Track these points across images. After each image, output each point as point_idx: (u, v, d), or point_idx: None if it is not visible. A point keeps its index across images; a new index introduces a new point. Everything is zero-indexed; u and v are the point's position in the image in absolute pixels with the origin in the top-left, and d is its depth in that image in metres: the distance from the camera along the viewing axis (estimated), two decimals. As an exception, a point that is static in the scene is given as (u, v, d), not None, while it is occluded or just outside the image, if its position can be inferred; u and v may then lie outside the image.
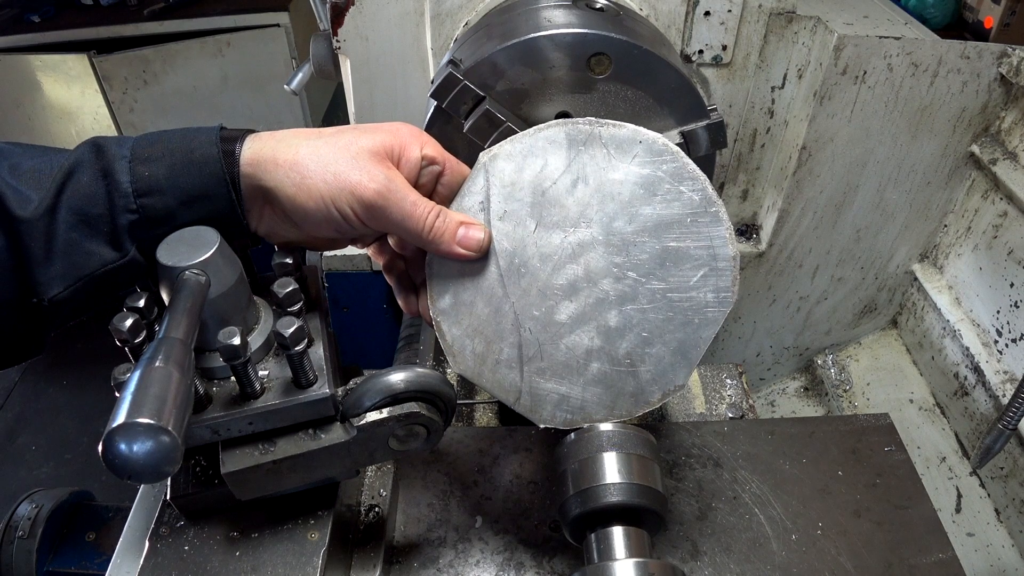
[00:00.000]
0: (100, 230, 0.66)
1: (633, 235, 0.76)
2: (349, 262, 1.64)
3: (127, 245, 0.67)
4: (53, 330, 0.70)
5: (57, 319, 0.68)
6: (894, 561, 0.87)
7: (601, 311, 0.77)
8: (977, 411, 1.33)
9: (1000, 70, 1.23)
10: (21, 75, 2.87)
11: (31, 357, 0.71)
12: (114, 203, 0.65)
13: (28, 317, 0.66)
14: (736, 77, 1.29)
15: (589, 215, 0.76)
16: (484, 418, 1.25)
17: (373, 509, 0.88)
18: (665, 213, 0.75)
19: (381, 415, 0.70)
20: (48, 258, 0.64)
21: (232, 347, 0.61)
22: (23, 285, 0.64)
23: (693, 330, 0.77)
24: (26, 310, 0.65)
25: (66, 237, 0.64)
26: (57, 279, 0.65)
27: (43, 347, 0.71)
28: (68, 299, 0.66)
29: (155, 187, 0.66)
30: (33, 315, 0.66)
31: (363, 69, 1.30)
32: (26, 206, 0.63)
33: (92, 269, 0.66)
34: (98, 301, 0.69)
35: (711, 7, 1.20)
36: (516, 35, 0.86)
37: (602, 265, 0.76)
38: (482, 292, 0.78)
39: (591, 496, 0.74)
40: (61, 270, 0.65)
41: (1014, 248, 1.27)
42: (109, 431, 0.49)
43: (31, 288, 0.64)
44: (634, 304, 0.76)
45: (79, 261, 0.65)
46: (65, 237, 0.64)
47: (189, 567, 0.72)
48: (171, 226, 0.67)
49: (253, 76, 3.07)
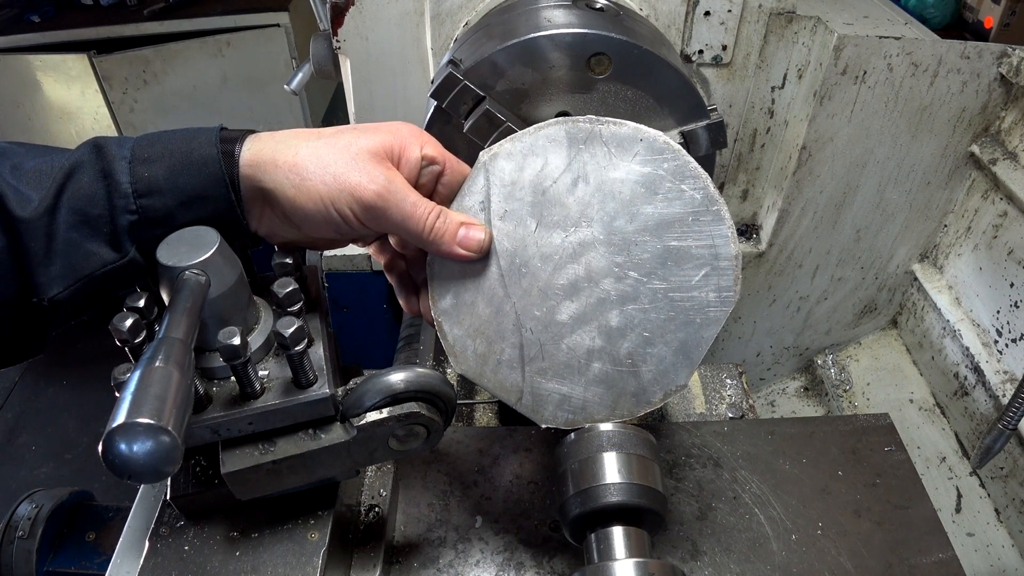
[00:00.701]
0: (100, 231, 0.66)
1: (634, 234, 0.76)
2: (349, 262, 1.64)
3: (127, 245, 0.67)
4: (54, 330, 0.70)
5: (57, 319, 0.68)
6: (894, 561, 0.87)
7: (602, 311, 0.77)
8: (977, 411, 1.33)
9: (1000, 70, 1.23)
10: (21, 75, 2.87)
11: (31, 357, 0.71)
12: (114, 204, 0.65)
13: (28, 317, 0.66)
14: (736, 77, 1.29)
15: (590, 214, 0.76)
16: (484, 418, 1.25)
17: (373, 509, 0.88)
18: (666, 212, 0.75)
19: (381, 415, 0.70)
20: (48, 258, 0.64)
21: (232, 347, 0.61)
22: (23, 285, 0.64)
23: (695, 330, 0.77)
24: (26, 309, 0.65)
25: (66, 237, 0.64)
26: (57, 279, 0.65)
27: (44, 347, 0.71)
28: (68, 299, 0.66)
29: (154, 188, 0.66)
30: (33, 315, 0.66)
31: (363, 69, 1.30)
32: (26, 206, 0.63)
33: (92, 269, 0.66)
34: (98, 301, 0.69)
35: (711, 7, 1.20)
36: (516, 35, 0.86)
37: (603, 265, 0.76)
38: (483, 292, 0.78)
39: (591, 496, 0.74)
40: (61, 270, 0.65)
41: (1014, 248, 1.27)
42: (109, 431, 0.49)
43: (31, 288, 0.65)
44: (635, 304, 0.76)
45: (79, 261, 0.65)
46: (65, 237, 0.64)
47: (189, 567, 0.72)
48: (170, 227, 0.67)
49: (253, 76, 3.07)
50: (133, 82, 2.90)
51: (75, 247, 0.65)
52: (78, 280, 0.66)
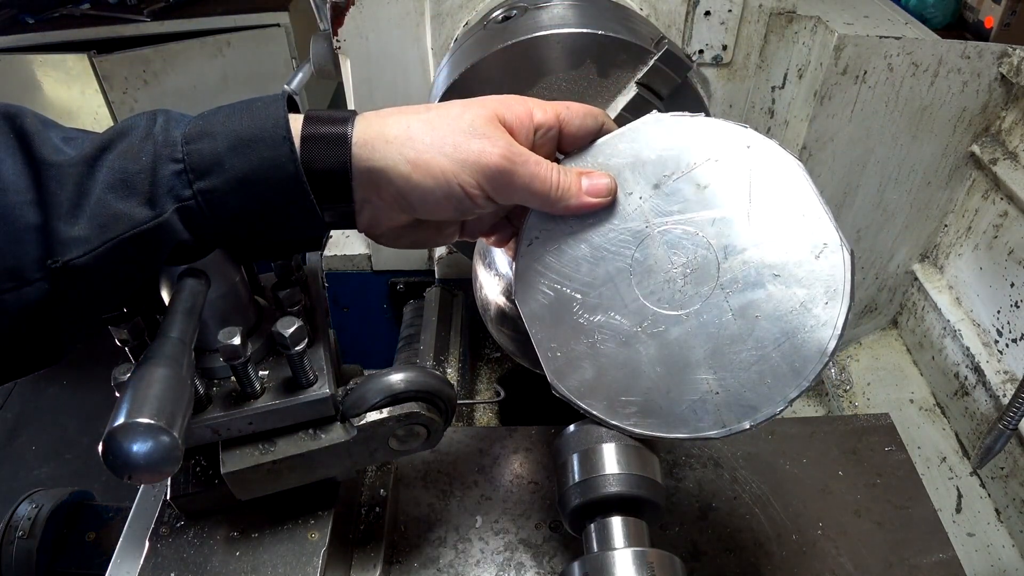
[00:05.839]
0: (136, 188, 0.57)
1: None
2: (349, 262, 1.64)
3: (164, 202, 0.57)
4: (71, 329, 0.61)
5: (77, 302, 0.58)
6: (894, 561, 0.87)
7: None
8: (977, 411, 1.33)
9: (1000, 70, 1.23)
10: (21, 75, 2.87)
11: (49, 363, 0.63)
12: (158, 153, 0.58)
13: (45, 306, 0.57)
14: (736, 77, 1.29)
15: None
16: (484, 418, 1.25)
17: (373, 509, 0.88)
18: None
19: (381, 415, 0.70)
20: (73, 214, 0.56)
21: (232, 347, 0.61)
22: (43, 242, 0.55)
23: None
24: (43, 290, 0.56)
25: (100, 197, 0.56)
26: (79, 241, 0.56)
27: (63, 352, 0.62)
28: (89, 268, 0.56)
29: (206, 131, 0.59)
30: (49, 303, 0.57)
31: (363, 69, 1.30)
32: (58, 153, 0.56)
33: (119, 231, 0.56)
34: (124, 280, 0.60)
35: (711, 7, 1.20)
36: (516, 36, 0.86)
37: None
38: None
39: (591, 486, 0.74)
40: (85, 231, 0.56)
41: (1014, 248, 1.27)
42: (109, 431, 0.49)
43: (48, 246, 0.55)
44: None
45: (107, 222, 0.56)
46: (99, 197, 0.56)
47: (189, 567, 0.72)
48: (218, 177, 0.58)
49: (253, 76, 3.07)
50: (133, 82, 2.90)
51: (106, 207, 0.56)
52: (103, 243, 0.56)
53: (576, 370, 0.74)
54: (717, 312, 0.69)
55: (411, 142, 0.62)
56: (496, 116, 0.65)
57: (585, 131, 0.70)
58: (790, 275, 0.67)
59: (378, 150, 0.62)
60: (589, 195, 0.69)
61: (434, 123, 0.63)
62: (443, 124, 0.63)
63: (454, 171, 0.62)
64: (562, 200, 0.68)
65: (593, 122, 0.71)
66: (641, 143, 0.70)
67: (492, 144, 0.63)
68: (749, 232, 0.68)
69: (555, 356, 0.74)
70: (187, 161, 0.58)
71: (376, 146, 0.62)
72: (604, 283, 0.72)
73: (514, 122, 0.66)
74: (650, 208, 0.70)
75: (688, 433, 0.72)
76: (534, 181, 0.65)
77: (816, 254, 0.66)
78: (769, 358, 0.68)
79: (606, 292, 0.72)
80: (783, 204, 0.67)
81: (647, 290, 0.71)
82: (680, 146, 0.69)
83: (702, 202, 0.69)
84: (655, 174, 0.70)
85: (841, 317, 0.66)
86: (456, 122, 0.63)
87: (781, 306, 0.67)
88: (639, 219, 0.71)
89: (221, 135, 0.58)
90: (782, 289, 0.67)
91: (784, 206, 0.67)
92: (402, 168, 0.62)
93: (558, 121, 0.68)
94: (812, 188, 0.67)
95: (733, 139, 0.68)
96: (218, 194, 0.58)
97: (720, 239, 0.69)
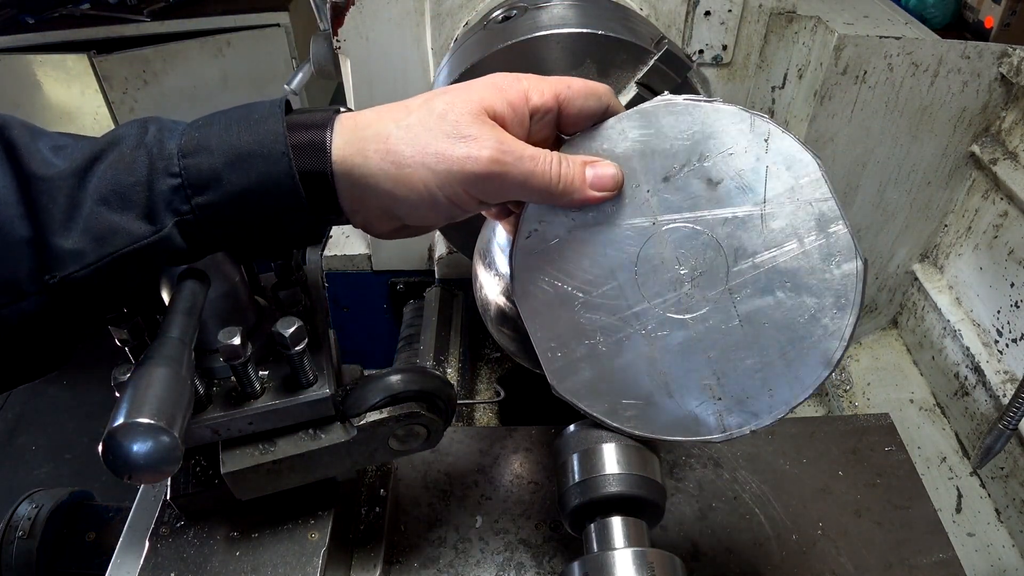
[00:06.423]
0: (133, 201, 0.56)
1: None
2: (349, 262, 1.64)
3: (163, 217, 0.57)
4: (75, 330, 0.61)
5: (75, 312, 0.59)
6: (894, 561, 0.87)
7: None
8: (977, 411, 1.33)
9: (1000, 70, 1.23)
10: (21, 75, 2.87)
11: (56, 367, 0.62)
12: (154, 166, 0.56)
13: (43, 313, 0.57)
14: (736, 77, 1.29)
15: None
16: (484, 418, 1.25)
17: (373, 509, 0.88)
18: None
19: (381, 415, 0.70)
20: (67, 227, 0.55)
21: (232, 347, 0.61)
22: (38, 257, 0.55)
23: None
24: (40, 301, 0.57)
25: (92, 209, 0.55)
26: (75, 256, 0.55)
27: (69, 355, 0.62)
28: (87, 283, 0.56)
29: (203, 145, 0.57)
30: (48, 312, 0.57)
31: (363, 69, 1.29)
32: (48, 167, 0.55)
33: (118, 247, 0.56)
34: (124, 293, 0.60)
35: (711, 7, 1.20)
36: (516, 36, 0.86)
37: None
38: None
39: (591, 486, 0.74)
40: (80, 244, 0.55)
41: (1014, 248, 1.27)
42: (109, 431, 0.49)
43: (44, 262, 0.55)
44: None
45: (104, 236, 0.55)
46: (91, 209, 0.55)
47: (189, 567, 0.72)
48: (217, 192, 0.57)
49: (253, 76, 3.07)
50: (133, 82, 2.90)
51: (100, 219, 0.55)
52: (101, 258, 0.55)
53: (576, 371, 0.73)
54: (724, 318, 0.67)
55: (391, 155, 0.59)
56: (484, 109, 0.60)
57: (588, 112, 0.66)
58: (802, 283, 0.64)
59: (358, 166, 0.59)
60: (594, 188, 0.65)
61: (415, 129, 0.60)
62: (424, 130, 0.60)
63: (438, 183, 0.59)
64: (565, 194, 0.64)
65: (596, 103, 0.66)
66: (652, 129, 0.65)
67: (479, 147, 0.59)
68: (762, 235, 0.65)
69: (555, 357, 0.73)
70: (184, 176, 0.57)
71: (356, 162, 0.59)
72: (606, 281, 0.69)
73: (505, 112, 0.61)
74: (658, 203, 0.66)
75: (689, 436, 0.72)
76: (530, 179, 0.61)
77: (830, 262, 0.64)
78: (774, 366, 0.67)
79: (608, 292, 0.69)
80: (799, 207, 0.64)
81: (652, 291, 0.68)
82: (693, 134, 0.65)
83: (714, 199, 0.65)
84: (665, 165, 0.65)
85: (849, 328, 0.64)
86: (439, 124, 0.60)
87: (790, 314, 0.65)
88: (646, 214, 0.66)
89: (218, 150, 0.57)
90: (792, 297, 0.65)
91: (800, 209, 0.64)
92: (385, 185, 0.59)
93: (557, 102, 0.64)
94: (830, 190, 0.64)
95: (750, 130, 0.65)
96: (216, 208, 0.58)
97: (731, 241, 0.65)
